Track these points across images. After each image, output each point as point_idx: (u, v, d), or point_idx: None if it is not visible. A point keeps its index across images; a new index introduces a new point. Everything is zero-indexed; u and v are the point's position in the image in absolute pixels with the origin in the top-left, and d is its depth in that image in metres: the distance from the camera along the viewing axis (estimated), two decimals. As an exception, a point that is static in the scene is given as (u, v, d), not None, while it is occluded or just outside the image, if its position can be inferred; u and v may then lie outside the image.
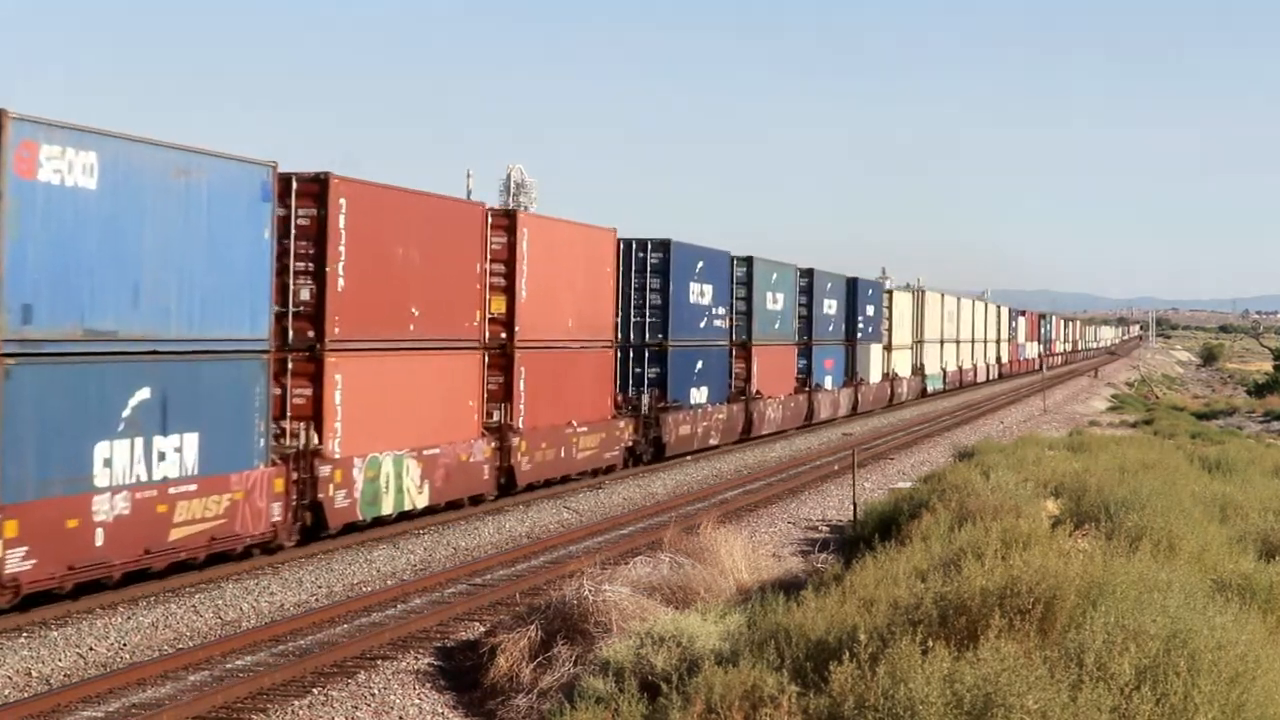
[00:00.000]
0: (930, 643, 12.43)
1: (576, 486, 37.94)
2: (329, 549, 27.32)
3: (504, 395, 34.17)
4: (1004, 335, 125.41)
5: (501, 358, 34.11)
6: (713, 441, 48.82)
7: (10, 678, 18.10)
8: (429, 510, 30.84)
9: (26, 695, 17.29)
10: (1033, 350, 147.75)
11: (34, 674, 18.33)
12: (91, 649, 19.55)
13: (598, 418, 39.59)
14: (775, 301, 56.29)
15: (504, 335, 34.13)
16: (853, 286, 69.54)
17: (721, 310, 49.63)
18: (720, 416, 49.47)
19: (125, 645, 19.85)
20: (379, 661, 19.17)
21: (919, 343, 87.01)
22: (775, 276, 56.50)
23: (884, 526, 25.13)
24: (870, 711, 11.57)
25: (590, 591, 18.85)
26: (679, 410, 45.32)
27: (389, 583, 24.88)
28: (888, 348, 78.32)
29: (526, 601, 21.31)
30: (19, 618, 20.37)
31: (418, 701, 17.58)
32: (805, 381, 61.14)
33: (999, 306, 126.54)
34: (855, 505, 29.44)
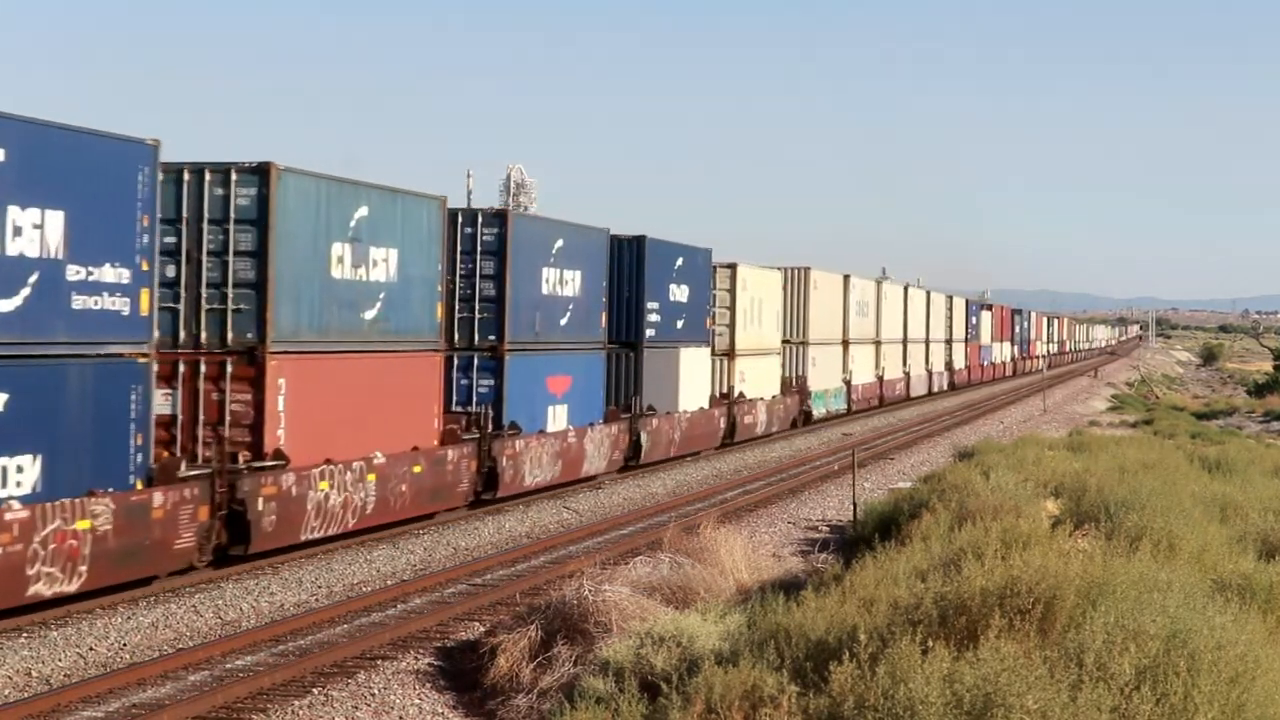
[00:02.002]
0: (930, 643, 12.43)
1: (577, 487, 37.94)
2: (330, 549, 27.29)
3: None
4: (959, 334, 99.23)
5: None
6: (41, 589, 19.85)
7: (10, 678, 18.11)
8: None
9: (26, 695, 17.30)
10: (1002, 353, 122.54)
11: (34, 674, 18.34)
12: (91, 649, 19.55)
13: None
14: (374, 266, 27.95)
15: None
16: (634, 251, 40.73)
17: (124, 272, 21.72)
18: (89, 532, 20.48)
19: (125, 645, 19.86)
20: (379, 661, 19.17)
21: (801, 344, 60.49)
22: (365, 212, 27.56)
23: (884, 526, 25.13)
24: (870, 711, 11.57)
25: (590, 591, 18.86)
26: None
27: (389, 583, 24.87)
28: (728, 354, 50.15)
29: (526, 601, 21.31)
30: (19, 618, 20.37)
31: (418, 701, 17.59)
32: (477, 420, 32.19)
33: (949, 297, 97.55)
34: (855, 505, 29.44)
